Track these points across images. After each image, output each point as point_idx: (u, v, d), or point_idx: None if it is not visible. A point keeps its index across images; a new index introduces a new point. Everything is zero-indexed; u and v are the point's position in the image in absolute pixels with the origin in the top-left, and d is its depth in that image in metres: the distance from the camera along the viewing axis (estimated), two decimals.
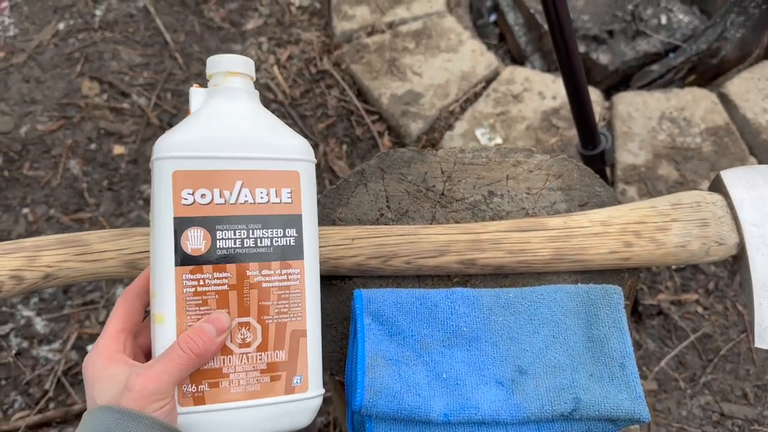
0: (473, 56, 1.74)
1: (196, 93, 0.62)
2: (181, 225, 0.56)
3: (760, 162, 1.54)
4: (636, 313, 1.39)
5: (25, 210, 1.58)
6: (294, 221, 0.59)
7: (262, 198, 0.58)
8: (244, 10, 2.04)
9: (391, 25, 1.85)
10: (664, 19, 2.01)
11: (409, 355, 0.65)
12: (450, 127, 1.62)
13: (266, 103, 1.80)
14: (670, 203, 0.73)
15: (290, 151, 0.60)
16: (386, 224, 0.78)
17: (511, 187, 0.80)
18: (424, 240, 0.71)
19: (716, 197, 0.74)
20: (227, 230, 0.57)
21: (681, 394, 1.32)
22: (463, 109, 1.65)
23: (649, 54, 1.94)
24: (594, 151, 0.99)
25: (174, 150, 0.57)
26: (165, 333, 0.56)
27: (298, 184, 0.60)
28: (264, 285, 0.58)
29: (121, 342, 0.57)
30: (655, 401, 1.31)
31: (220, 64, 0.61)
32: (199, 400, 0.55)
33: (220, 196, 0.57)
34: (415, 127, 1.62)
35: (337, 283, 0.73)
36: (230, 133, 0.58)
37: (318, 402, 0.60)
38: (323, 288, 0.73)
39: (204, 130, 0.58)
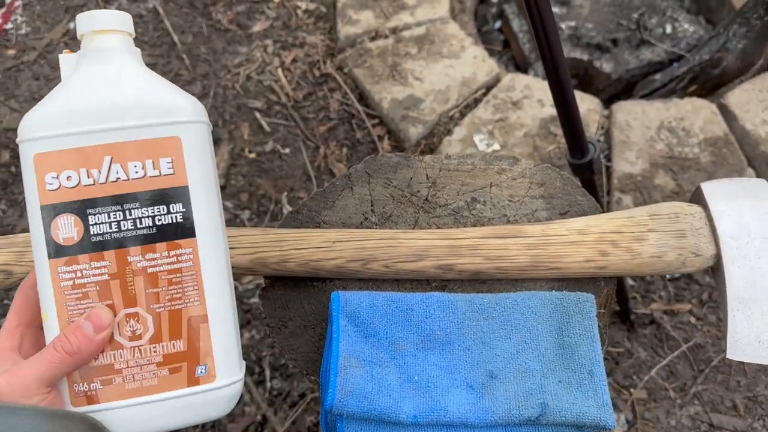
0: (475, 62, 1.75)
1: (65, 60, 0.55)
2: (48, 213, 0.51)
3: (758, 173, 1.54)
4: (628, 322, 1.40)
5: None
6: (179, 195, 0.53)
7: (136, 173, 0.52)
8: (251, 12, 2.07)
9: (394, 30, 1.87)
10: (669, 29, 2.02)
11: (383, 356, 0.66)
12: (449, 132, 1.63)
13: (269, 104, 1.82)
14: (648, 213, 0.74)
15: (167, 113, 0.52)
16: (370, 228, 0.79)
17: (494, 194, 0.82)
18: (403, 244, 0.73)
19: (695, 209, 0.75)
20: (100, 214, 0.52)
21: (671, 404, 1.32)
22: (462, 115, 1.66)
23: (652, 63, 1.95)
24: (582, 159, 1.00)
25: (33, 131, 0.51)
26: (50, 331, 0.52)
27: (180, 151, 0.53)
28: (150, 271, 0.52)
29: (17, 338, 0.54)
30: (645, 410, 1.32)
31: (88, 22, 0.53)
32: (92, 399, 0.52)
33: (88, 177, 0.51)
34: (415, 131, 1.64)
35: (318, 285, 0.75)
36: (95, 102, 0.51)
37: (233, 390, 0.56)
38: (303, 289, 0.74)
39: (65, 103, 0.51)
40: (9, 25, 2.01)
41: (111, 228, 0.52)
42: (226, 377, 0.55)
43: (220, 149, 1.72)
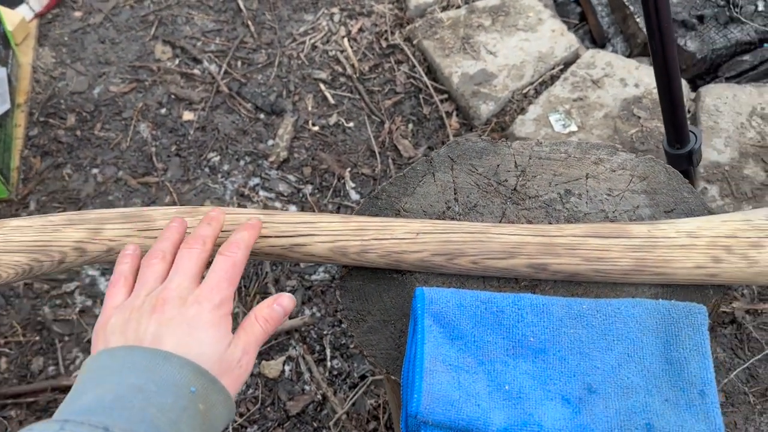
0: (552, 36, 1.66)
1: None
2: None
3: None
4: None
5: (95, 170, 1.61)
6: None
7: None
8: None
9: (467, 0, 1.79)
10: (761, 6, 1.87)
11: (470, 361, 0.61)
12: (522, 110, 1.55)
13: (334, 76, 1.77)
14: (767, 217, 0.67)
15: None
16: (453, 218, 0.74)
17: (591, 186, 0.75)
18: (493, 240, 0.67)
19: None
20: None
21: (749, 409, 1.25)
22: (537, 93, 1.58)
23: (741, 43, 1.81)
24: (681, 150, 0.92)
25: None
26: None
27: None
28: None
29: None
30: (722, 414, 1.24)
31: None
32: None
33: None
34: (486, 108, 1.57)
35: (398, 277, 0.71)
36: None
37: None
38: (383, 281, 0.70)
39: None
40: None
41: None
42: None
43: (283, 120, 1.69)
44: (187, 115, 1.71)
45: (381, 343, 0.67)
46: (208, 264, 0.62)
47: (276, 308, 0.59)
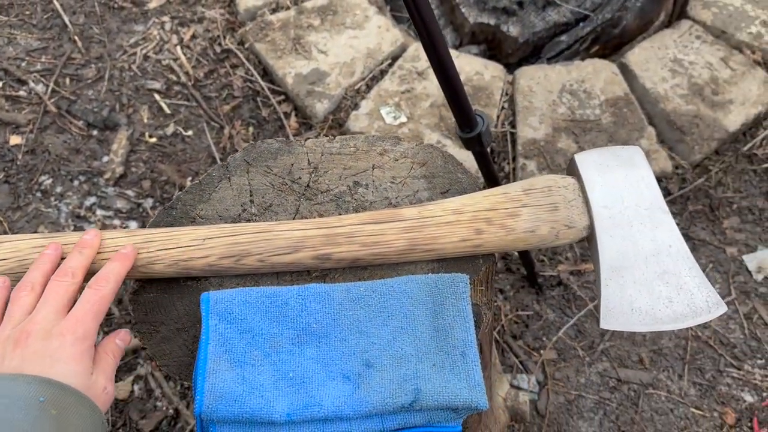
0: (379, 32, 1.72)
1: None
2: None
3: (658, 131, 1.58)
4: (536, 285, 1.43)
5: None
6: None
7: None
8: None
9: (296, 2, 1.81)
10: None
11: (257, 355, 0.64)
12: (356, 106, 1.60)
13: (169, 85, 1.75)
14: (523, 189, 0.74)
15: None
16: (249, 220, 0.77)
17: (377, 176, 0.80)
18: (278, 237, 0.71)
19: (569, 181, 0.76)
20: None
21: (579, 362, 1.37)
22: (369, 88, 1.64)
23: (559, 24, 1.95)
24: (471, 133, 0.99)
25: None
26: None
27: None
28: None
29: None
30: (555, 370, 1.35)
31: None
32: None
33: None
34: (321, 107, 1.60)
35: (191, 284, 0.72)
36: None
37: None
38: (176, 290, 0.71)
39: None
40: None
41: None
42: None
43: (117, 135, 1.64)
44: (15, 139, 1.63)
45: (174, 352, 0.69)
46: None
47: (119, 343, 0.65)
